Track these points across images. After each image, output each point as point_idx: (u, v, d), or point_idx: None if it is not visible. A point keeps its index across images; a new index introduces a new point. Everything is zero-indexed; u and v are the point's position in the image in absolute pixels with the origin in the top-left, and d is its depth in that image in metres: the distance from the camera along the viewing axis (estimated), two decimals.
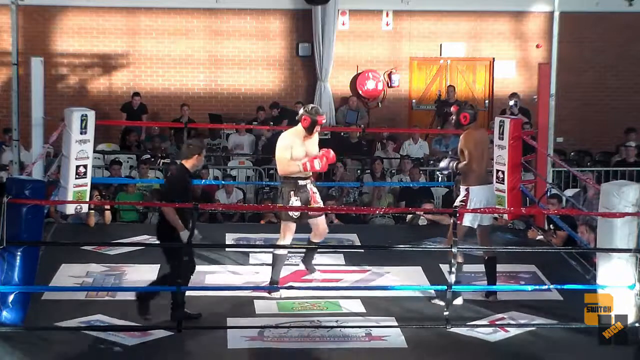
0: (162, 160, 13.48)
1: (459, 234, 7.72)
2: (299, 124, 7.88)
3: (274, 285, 7.83)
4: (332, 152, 7.89)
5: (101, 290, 7.95)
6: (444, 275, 8.19)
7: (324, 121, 7.96)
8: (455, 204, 7.92)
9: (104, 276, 8.37)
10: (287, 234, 7.90)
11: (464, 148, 7.93)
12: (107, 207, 10.45)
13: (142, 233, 9.82)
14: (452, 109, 8.18)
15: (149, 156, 13.34)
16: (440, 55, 15.94)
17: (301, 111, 7.90)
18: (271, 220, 10.96)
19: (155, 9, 15.51)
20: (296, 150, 7.81)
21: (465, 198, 7.89)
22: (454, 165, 8.01)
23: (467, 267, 8.45)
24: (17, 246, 6.90)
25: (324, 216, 8.06)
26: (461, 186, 8.00)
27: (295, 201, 7.79)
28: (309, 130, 7.86)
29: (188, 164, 7.27)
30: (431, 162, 13.64)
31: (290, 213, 7.77)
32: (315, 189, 8.03)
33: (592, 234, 8.59)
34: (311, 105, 8.09)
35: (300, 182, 7.85)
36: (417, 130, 14.76)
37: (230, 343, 6.87)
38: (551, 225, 9.66)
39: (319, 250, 8.52)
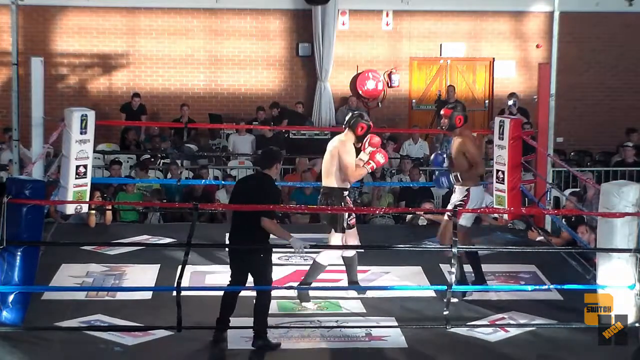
0: (162, 161, 13.49)
1: (461, 234, 7.73)
2: (348, 131, 7.70)
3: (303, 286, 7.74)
4: (375, 137, 7.83)
5: (101, 290, 7.94)
6: (444, 275, 8.20)
7: None
8: (454, 204, 7.89)
9: (104, 276, 8.36)
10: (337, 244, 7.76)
11: (464, 150, 7.87)
12: (109, 207, 10.44)
13: (142, 233, 9.83)
14: (443, 112, 8.00)
15: (147, 156, 13.33)
16: (440, 55, 15.94)
17: (353, 119, 7.72)
18: None
19: (155, 9, 15.51)
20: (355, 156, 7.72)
21: (465, 198, 7.87)
22: (455, 176, 7.86)
23: (467, 267, 8.45)
24: (17, 246, 6.90)
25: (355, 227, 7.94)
26: (459, 187, 7.97)
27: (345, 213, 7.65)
28: (362, 138, 7.73)
29: (272, 173, 6.97)
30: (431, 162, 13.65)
31: (345, 224, 7.66)
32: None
33: (592, 234, 8.58)
34: (357, 112, 8.04)
35: (344, 193, 7.74)
36: (417, 130, 14.77)
37: (230, 343, 6.87)
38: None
39: (318, 250, 8.52)
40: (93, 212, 10.06)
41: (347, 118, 7.87)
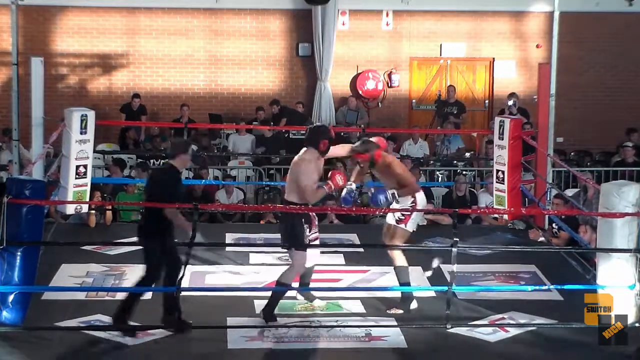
0: (162, 161, 13.49)
1: (403, 239, 7.66)
2: (310, 148, 7.32)
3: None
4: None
5: (101, 290, 7.94)
6: (444, 275, 8.20)
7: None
8: (400, 214, 7.66)
9: (104, 276, 8.36)
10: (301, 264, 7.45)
11: (395, 168, 7.63)
12: (109, 207, 10.44)
13: None
14: (360, 159, 7.57)
15: (141, 161, 13.33)
16: (440, 55, 15.94)
17: (314, 135, 7.32)
18: (270, 221, 10.96)
19: (155, 9, 15.52)
20: (316, 175, 7.35)
21: (413, 204, 7.65)
22: (392, 194, 7.63)
23: (467, 267, 8.48)
24: (17, 246, 6.90)
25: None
26: (403, 197, 7.66)
27: (306, 229, 7.33)
28: (326, 152, 7.40)
29: (176, 163, 7.11)
30: (431, 162, 13.67)
31: (306, 240, 7.36)
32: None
33: (593, 234, 8.58)
34: (316, 124, 7.83)
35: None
36: (417, 130, 14.77)
37: (230, 343, 6.87)
38: (554, 225, 9.65)
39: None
40: (93, 212, 10.06)
41: (306, 134, 7.42)
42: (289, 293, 7.69)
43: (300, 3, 15.19)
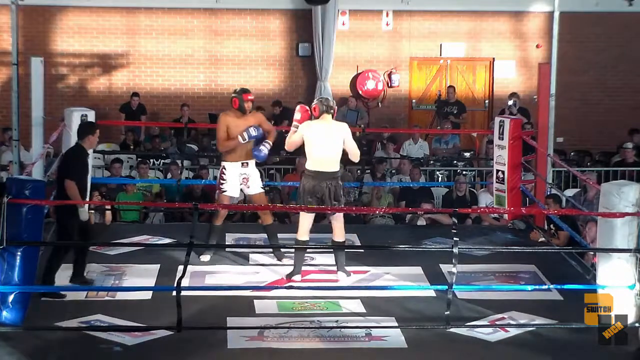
0: (163, 161, 13.50)
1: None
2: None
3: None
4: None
5: (101, 290, 7.94)
6: (444, 275, 8.20)
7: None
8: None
9: (104, 276, 8.36)
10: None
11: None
12: (108, 207, 10.44)
13: (142, 233, 9.83)
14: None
15: (147, 155, 13.33)
16: (440, 55, 15.94)
17: (333, 104, 8.61)
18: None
19: (155, 9, 15.52)
20: None
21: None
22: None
23: (467, 267, 8.48)
24: (17, 246, 6.90)
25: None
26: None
27: None
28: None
29: (84, 144, 7.96)
30: (431, 162, 13.66)
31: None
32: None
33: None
34: (324, 96, 8.43)
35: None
36: (417, 130, 14.77)
37: (230, 343, 6.87)
38: (552, 226, 9.66)
39: (319, 250, 8.53)
40: (92, 212, 10.05)
41: (328, 102, 8.58)
42: (288, 293, 7.72)
43: (300, 3, 15.18)
